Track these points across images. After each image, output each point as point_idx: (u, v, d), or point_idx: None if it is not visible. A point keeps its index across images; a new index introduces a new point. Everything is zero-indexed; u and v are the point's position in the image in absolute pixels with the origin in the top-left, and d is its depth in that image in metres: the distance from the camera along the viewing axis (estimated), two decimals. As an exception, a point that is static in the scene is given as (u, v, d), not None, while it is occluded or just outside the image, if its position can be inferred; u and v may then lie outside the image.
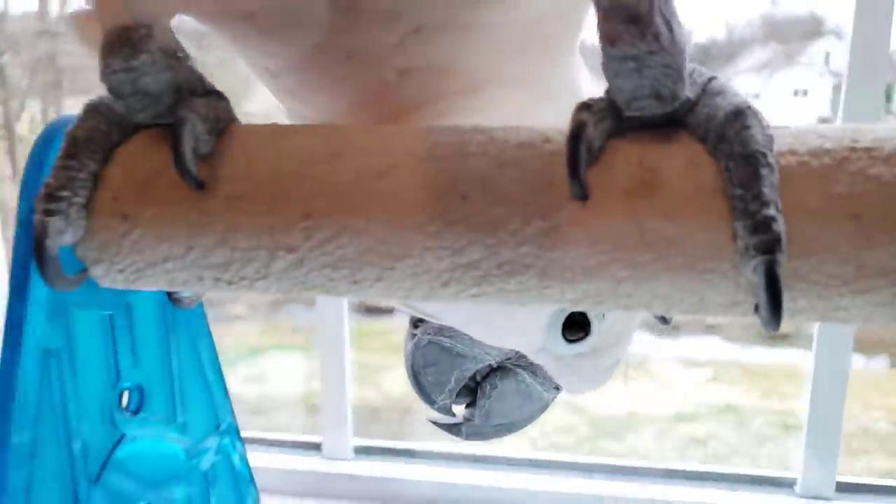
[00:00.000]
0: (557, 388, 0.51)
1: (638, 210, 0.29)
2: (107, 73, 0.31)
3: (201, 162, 0.31)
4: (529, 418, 0.53)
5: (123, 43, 0.30)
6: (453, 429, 0.52)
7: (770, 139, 0.28)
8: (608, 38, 0.28)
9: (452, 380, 0.50)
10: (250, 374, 2.81)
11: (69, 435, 0.33)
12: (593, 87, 0.44)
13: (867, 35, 1.06)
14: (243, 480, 0.49)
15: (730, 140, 0.28)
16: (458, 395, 0.51)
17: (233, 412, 0.47)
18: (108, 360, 0.36)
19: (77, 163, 0.31)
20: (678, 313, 0.32)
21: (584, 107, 0.29)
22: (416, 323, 0.51)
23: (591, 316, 0.46)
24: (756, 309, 0.28)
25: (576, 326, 0.46)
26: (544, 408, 0.53)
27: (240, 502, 0.49)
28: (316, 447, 1.14)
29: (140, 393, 0.38)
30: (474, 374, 0.51)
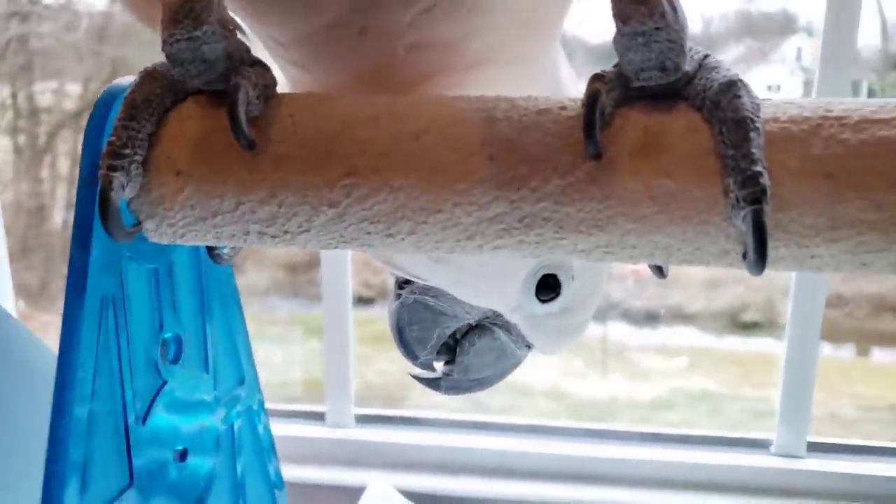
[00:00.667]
0: (529, 347, 0.56)
1: (643, 169, 0.34)
2: (170, 42, 0.34)
3: (251, 125, 0.35)
4: (503, 373, 0.57)
5: (187, 14, 0.34)
6: (433, 383, 0.56)
7: (757, 107, 0.33)
8: (621, 17, 0.32)
9: (434, 336, 0.55)
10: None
11: (122, 377, 0.37)
12: (570, 72, 0.49)
13: (836, 32, 1.12)
14: (266, 448, 0.53)
15: (723, 107, 0.32)
16: (437, 352, 0.56)
17: (257, 376, 0.51)
18: (152, 311, 0.40)
19: (136, 124, 0.35)
20: (676, 263, 0.37)
21: (597, 77, 0.34)
22: (402, 284, 0.55)
23: (562, 278, 0.51)
24: (744, 256, 0.33)
25: (548, 288, 0.51)
26: (517, 364, 0.57)
27: (263, 469, 0.53)
28: (320, 416, 1.20)
29: (178, 344, 0.42)
30: (454, 332, 0.55)
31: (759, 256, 0.32)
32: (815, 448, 1.13)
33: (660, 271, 0.40)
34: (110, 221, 0.34)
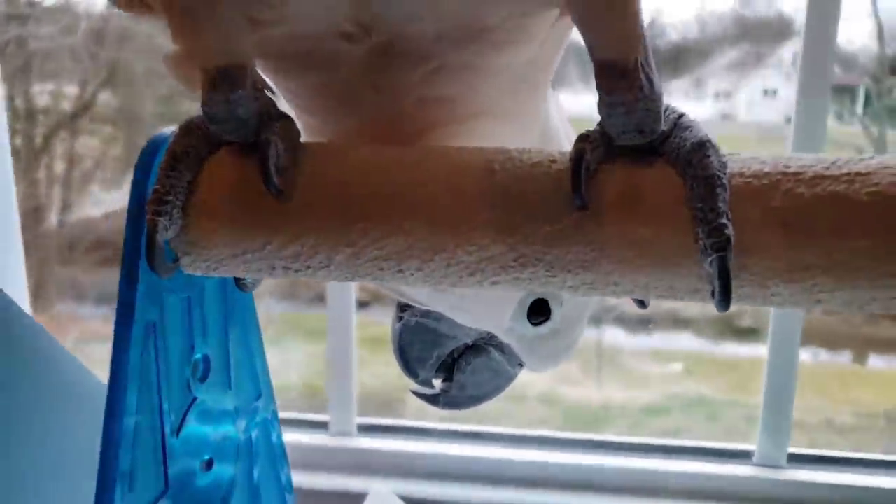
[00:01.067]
0: (521, 365, 0.62)
1: (624, 218, 0.39)
2: (209, 104, 0.39)
3: (278, 174, 0.40)
4: (497, 391, 0.63)
5: (225, 80, 0.39)
6: (432, 399, 0.62)
7: (724, 165, 0.38)
8: (604, 89, 0.37)
9: (434, 356, 0.60)
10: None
11: (160, 396, 0.42)
12: (561, 115, 0.54)
13: (817, 37, 1.16)
14: (279, 456, 0.58)
15: (694, 165, 0.38)
16: (436, 370, 0.61)
17: (272, 390, 0.57)
18: (185, 335, 0.45)
19: (177, 173, 0.40)
20: (653, 298, 0.42)
21: (583, 137, 0.39)
22: (404, 307, 0.61)
23: (551, 304, 0.57)
24: (713, 294, 0.38)
25: (539, 312, 0.57)
26: (509, 382, 0.63)
27: (276, 475, 0.58)
28: (323, 425, 1.26)
29: (206, 363, 0.47)
30: (452, 352, 0.61)
31: (724, 296, 0.37)
32: (795, 459, 1.20)
33: (641, 303, 0.45)
34: (155, 259, 0.39)
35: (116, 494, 0.38)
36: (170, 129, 0.42)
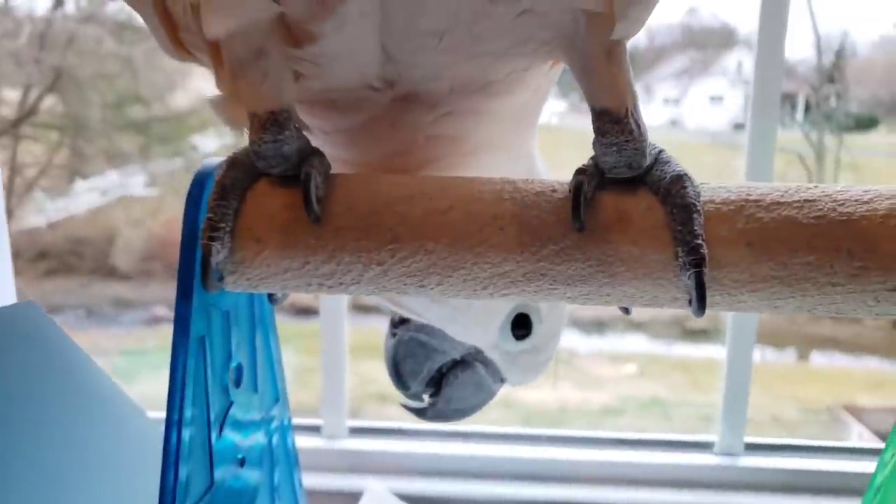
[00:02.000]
0: (502, 381, 0.69)
1: (614, 238, 0.47)
2: (258, 143, 0.46)
3: (317, 203, 0.46)
4: (479, 405, 0.70)
5: (273, 122, 0.45)
6: (420, 412, 0.68)
7: (698, 194, 0.46)
8: (600, 132, 0.45)
9: (426, 370, 0.67)
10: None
11: (208, 401, 0.48)
12: (537, 152, 0.62)
13: (768, 46, 1.22)
14: (293, 460, 0.64)
15: (673, 195, 0.46)
16: (426, 385, 0.67)
17: (287, 396, 0.63)
18: (225, 345, 0.50)
19: (226, 202, 0.46)
20: (638, 306, 0.50)
21: (581, 171, 0.47)
22: (397, 324, 0.67)
23: (533, 320, 0.65)
24: (689, 302, 0.46)
25: (521, 328, 0.65)
26: (491, 397, 0.70)
27: (291, 478, 0.64)
28: (316, 429, 1.33)
29: (239, 370, 0.53)
30: (440, 367, 0.67)
31: (700, 304, 0.45)
32: (751, 447, 1.33)
33: (626, 310, 0.53)
34: (208, 279, 0.45)
35: (178, 489, 0.44)
36: (214, 160, 0.48)
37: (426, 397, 0.68)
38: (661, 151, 0.48)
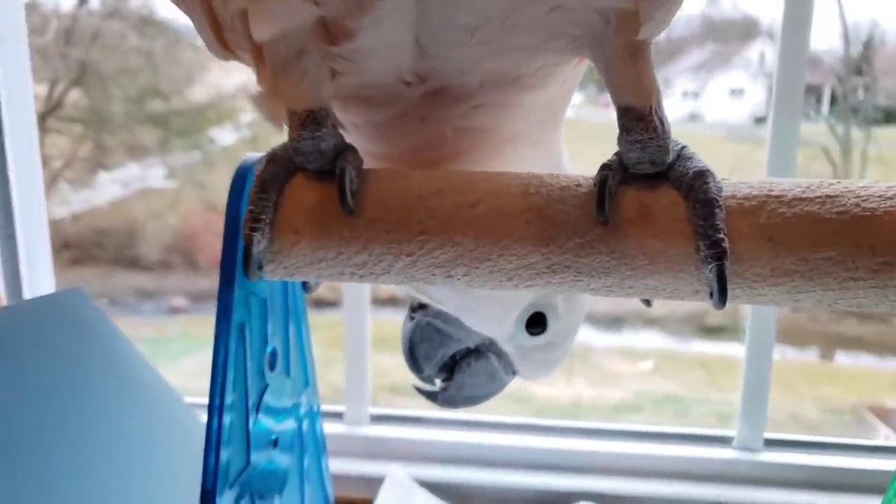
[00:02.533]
0: (514, 373, 0.71)
1: (638, 232, 0.48)
2: (297, 140, 0.48)
3: (352, 196, 0.48)
4: (490, 394, 0.72)
5: (312, 120, 0.47)
6: (431, 395, 0.70)
7: (720, 189, 0.48)
8: (625, 129, 0.47)
9: (439, 355, 0.69)
10: (197, 368, 2.92)
11: (246, 384, 0.50)
12: (565, 146, 0.64)
13: (792, 37, 1.21)
14: (321, 446, 0.67)
15: (696, 190, 0.47)
16: (439, 370, 0.69)
17: (316, 383, 0.65)
18: (262, 331, 0.53)
19: (266, 196, 0.48)
20: (660, 298, 0.52)
21: (606, 166, 0.49)
22: (415, 308, 0.69)
23: (549, 317, 0.66)
24: (710, 295, 0.48)
25: (537, 325, 0.66)
26: (502, 387, 0.72)
27: (319, 463, 0.67)
28: (339, 416, 1.37)
29: (274, 355, 0.55)
30: (455, 354, 0.69)
31: (721, 297, 0.47)
32: (771, 443, 1.34)
33: (647, 302, 0.55)
34: (249, 268, 0.47)
35: (220, 470, 0.46)
36: (254, 155, 0.51)
37: (438, 382, 0.70)
38: (683, 147, 0.50)
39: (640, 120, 0.47)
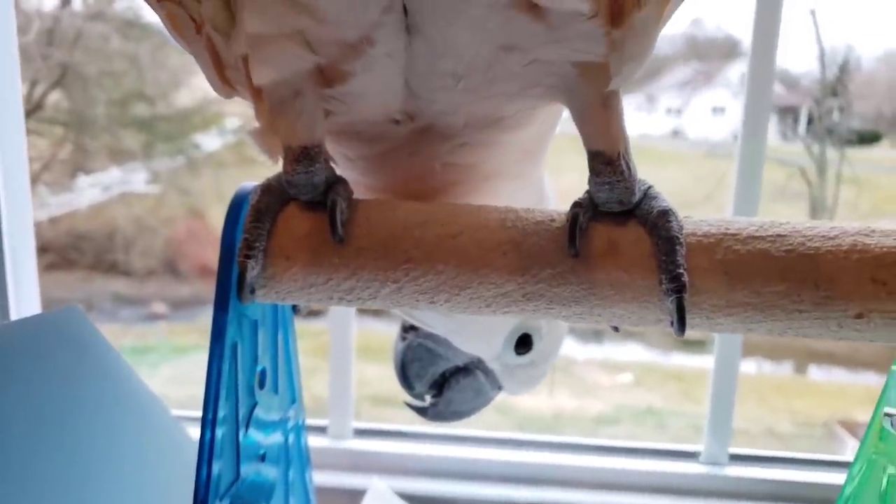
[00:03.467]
0: (500, 388, 0.76)
1: (606, 265, 0.53)
2: (291, 174, 0.52)
3: (342, 226, 0.52)
4: (477, 409, 0.77)
5: (306, 156, 0.51)
6: (421, 411, 0.75)
7: (682, 227, 0.53)
8: (594, 171, 0.52)
9: (430, 373, 0.74)
10: (178, 376, 2.93)
11: (237, 401, 0.54)
12: (547, 180, 0.69)
13: (760, 56, 1.27)
14: (306, 459, 0.71)
15: (659, 228, 0.52)
16: (429, 387, 0.74)
17: (303, 398, 0.69)
18: (252, 351, 0.57)
19: (260, 224, 0.52)
20: (626, 326, 0.56)
21: (577, 204, 0.53)
22: (407, 329, 0.74)
23: (534, 338, 0.71)
24: (671, 324, 0.53)
25: (523, 345, 0.71)
26: (488, 402, 0.77)
27: (303, 476, 0.70)
28: (322, 429, 1.40)
29: (263, 374, 0.59)
30: (444, 371, 0.74)
31: (681, 326, 0.51)
32: (736, 458, 1.40)
33: (616, 328, 0.60)
34: (243, 292, 0.51)
35: (212, 481, 0.50)
36: (250, 184, 0.55)
37: (428, 398, 0.75)
38: (649, 188, 0.55)
39: (608, 164, 0.51)
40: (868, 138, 3.29)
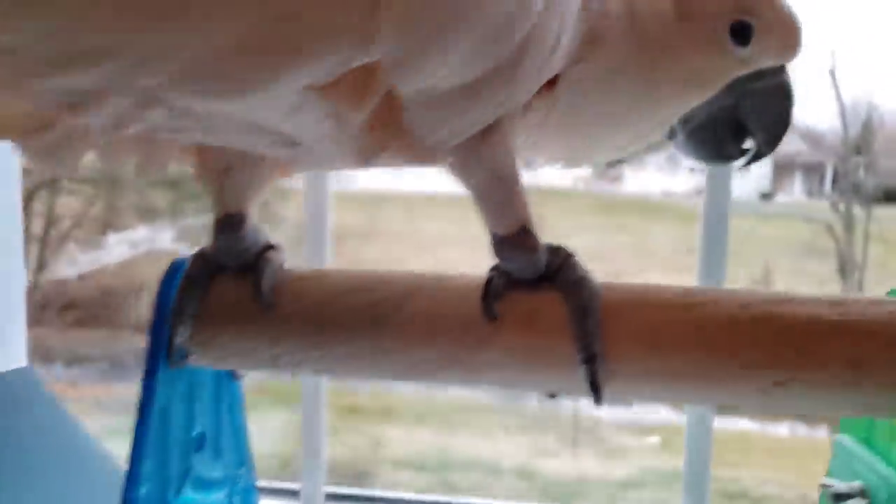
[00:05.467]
0: None
1: (525, 331, 0.54)
2: (218, 240, 0.55)
3: (269, 293, 0.55)
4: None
5: (230, 224, 0.55)
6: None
7: (598, 297, 0.54)
8: (496, 252, 0.54)
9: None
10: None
11: (167, 463, 0.56)
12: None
13: None
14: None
15: (574, 296, 0.53)
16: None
17: (252, 461, 0.70)
18: (188, 415, 0.59)
19: (192, 291, 0.55)
20: (553, 393, 0.57)
21: (493, 269, 0.55)
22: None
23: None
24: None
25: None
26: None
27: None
28: (294, 493, 1.40)
29: (201, 437, 0.61)
30: None
31: (595, 396, 0.52)
32: None
33: (552, 395, 0.60)
34: (174, 357, 0.54)
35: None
36: (184, 255, 0.58)
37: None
38: (569, 256, 0.56)
39: (511, 246, 0.53)
40: (894, 196, 3.24)
